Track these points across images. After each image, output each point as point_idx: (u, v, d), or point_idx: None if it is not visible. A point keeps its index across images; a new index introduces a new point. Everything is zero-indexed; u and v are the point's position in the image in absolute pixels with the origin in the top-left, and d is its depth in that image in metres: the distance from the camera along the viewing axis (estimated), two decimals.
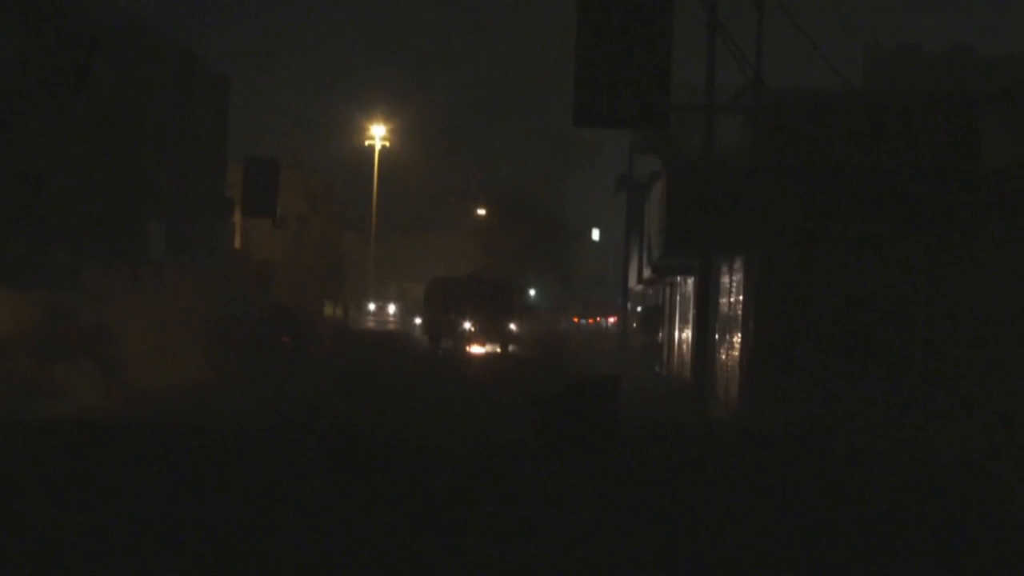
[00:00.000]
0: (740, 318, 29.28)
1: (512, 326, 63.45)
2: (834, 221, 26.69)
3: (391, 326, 77.48)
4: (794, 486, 17.38)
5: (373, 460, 17.84)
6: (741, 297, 29.58)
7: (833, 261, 26.68)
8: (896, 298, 26.32)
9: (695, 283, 31.88)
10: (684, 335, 39.96)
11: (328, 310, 70.50)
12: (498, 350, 55.10)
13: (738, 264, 30.02)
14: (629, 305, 57.64)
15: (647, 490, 16.76)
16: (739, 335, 29.17)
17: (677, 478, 17.82)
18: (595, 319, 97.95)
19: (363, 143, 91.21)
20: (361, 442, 19.39)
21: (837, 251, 26.66)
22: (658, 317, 47.79)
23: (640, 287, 53.93)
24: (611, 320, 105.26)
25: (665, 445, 21.16)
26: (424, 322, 63.33)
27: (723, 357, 31.42)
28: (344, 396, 26.17)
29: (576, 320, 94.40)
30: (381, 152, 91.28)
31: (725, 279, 31.88)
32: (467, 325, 61.69)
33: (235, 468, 17.01)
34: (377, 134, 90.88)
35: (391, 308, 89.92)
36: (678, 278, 41.40)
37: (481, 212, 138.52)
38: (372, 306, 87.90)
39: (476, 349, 55.99)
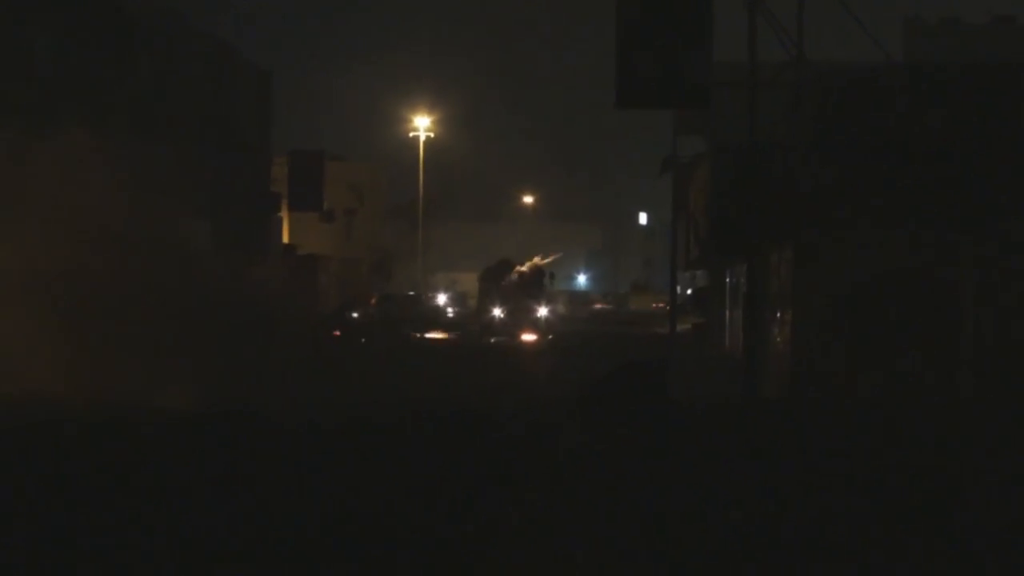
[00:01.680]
0: (790, 296, 29.15)
1: (542, 311, 65.57)
2: (879, 197, 26.55)
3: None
4: (848, 460, 17.33)
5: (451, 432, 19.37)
6: (790, 276, 29.44)
7: (879, 238, 26.55)
8: (943, 274, 26.18)
9: (743, 263, 31.74)
10: (734, 315, 39.86)
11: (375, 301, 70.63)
12: (532, 337, 55.28)
13: (785, 242, 29.87)
14: (678, 287, 57.47)
15: (696, 463, 16.76)
16: (789, 314, 29.06)
17: (725, 451, 17.80)
18: (659, 304, 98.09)
19: (407, 134, 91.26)
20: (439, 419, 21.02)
21: (882, 228, 26.53)
22: (707, 298, 47.67)
23: (688, 270, 53.82)
24: (658, 305, 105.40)
25: (714, 422, 21.15)
26: (476, 312, 66.22)
27: (773, 336, 31.29)
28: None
29: (656, 305, 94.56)
30: (426, 142, 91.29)
31: (773, 257, 31.73)
32: (496, 312, 63.65)
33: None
34: (421, 125, 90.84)
35: (440, 298, 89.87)
36: (726, 258, 41.25)
37: (528, 199, 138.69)
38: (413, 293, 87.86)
39: (512, 337, 56.27)
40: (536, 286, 68.07)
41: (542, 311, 67.09)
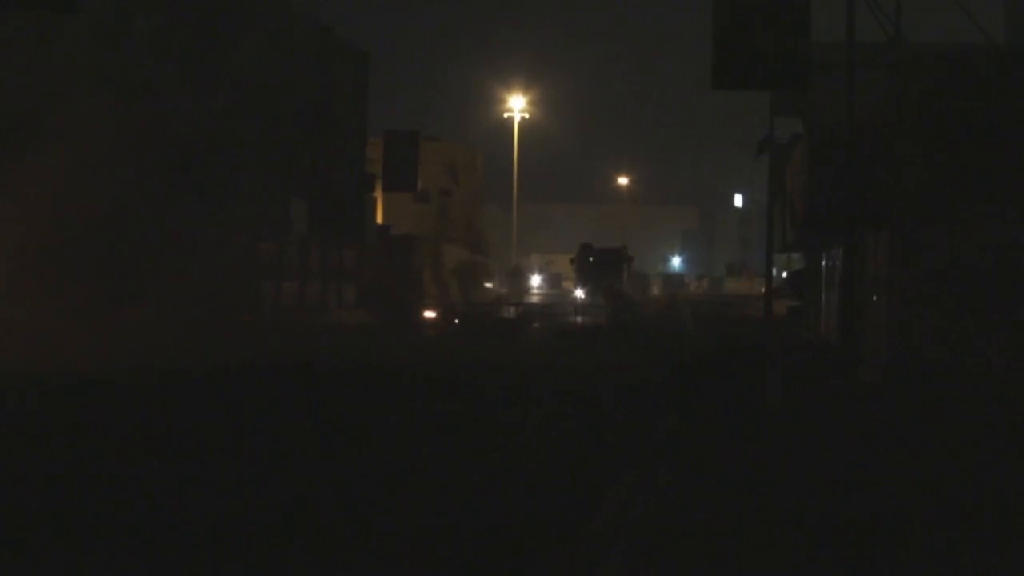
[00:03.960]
0: (889, 280, 28.96)
1: (624, 293, 66.20)
2: (981, 180, 26.29)
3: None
4: (950, 448, 17.24)
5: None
6: (887, 258, 29.25)
7: (981, 221, 26.29)
8: None
9: (840, 245, 31.57)
10: (831, 299, 39.58)
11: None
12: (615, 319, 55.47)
13: (883, 225, 29.68)
14: (774, 270, 57.25)
15: (794, 448, 16.71)
16: (887, 298, 28.87)
17: (827, 438, 17.73)
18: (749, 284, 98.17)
19: (503, 114, 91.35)
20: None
21: (984, 211, 26.26)
22: (803, 281, 47.39)
23: (785, 252, 53.49)
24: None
25: (812, 408, 21.08)
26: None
27: (872, 321, 31.10)
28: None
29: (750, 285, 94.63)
30: (522, 122, 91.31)
31: (871, 240, 31.52)
32: (579, 293, 64.42)
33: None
34: (516, 105, 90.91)
35: (535, 280, 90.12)
36: (823, 240, 40.98)
37: (623, 181, 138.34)
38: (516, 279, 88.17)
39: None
40: (614, 269, 68.73)
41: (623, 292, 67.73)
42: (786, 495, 13.42)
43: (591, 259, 76.92)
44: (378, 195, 65.12)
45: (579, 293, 69.56)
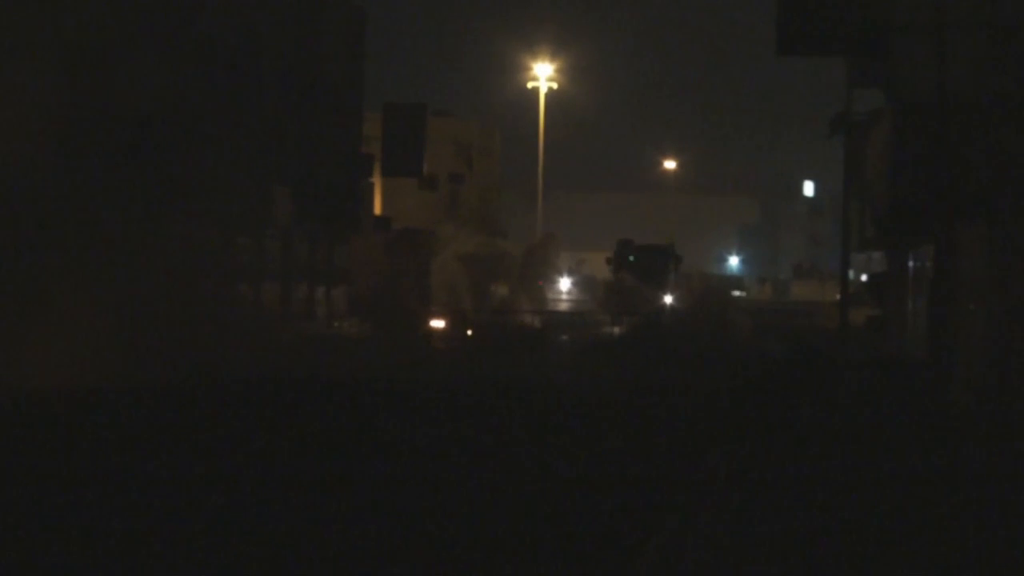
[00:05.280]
0: (989, 285, 28.86)
1: (667, 299, 66.35)
2: None
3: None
4: None
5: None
6: (989, 259, 29.15)
7: None
8: None
9: (930, 243, 31.49)
10: (917, 306, 39.51)
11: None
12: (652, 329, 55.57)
13: (982, 219, 29.58)
14: (851, 272, 57.12)
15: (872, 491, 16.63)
16: (987, 306, 28.77)
17: (911, 472, 17.64)
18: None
19: (526, 85, 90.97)
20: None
21: None
22: (885, 285, 47.29)
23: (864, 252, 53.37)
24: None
25: (894, 436, 20.98)
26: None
27: (966, 334, 31.02)
28: None
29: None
30: (548, 95, 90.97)
31: (967, 236, 31.42)
32: (617, 299, 64.55)
33: None
34: (542, 73, 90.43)
35: (563, 283, 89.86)
36: (910, 237, 40.90)
37: (669, 165, 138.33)
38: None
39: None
40: (659, 271, 68.93)
41: (666, 298, 67.86)
42: None
43: (632, 258, 76.97)
44: (376, 181, 65.13)
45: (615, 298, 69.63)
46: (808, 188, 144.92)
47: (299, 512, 15.27)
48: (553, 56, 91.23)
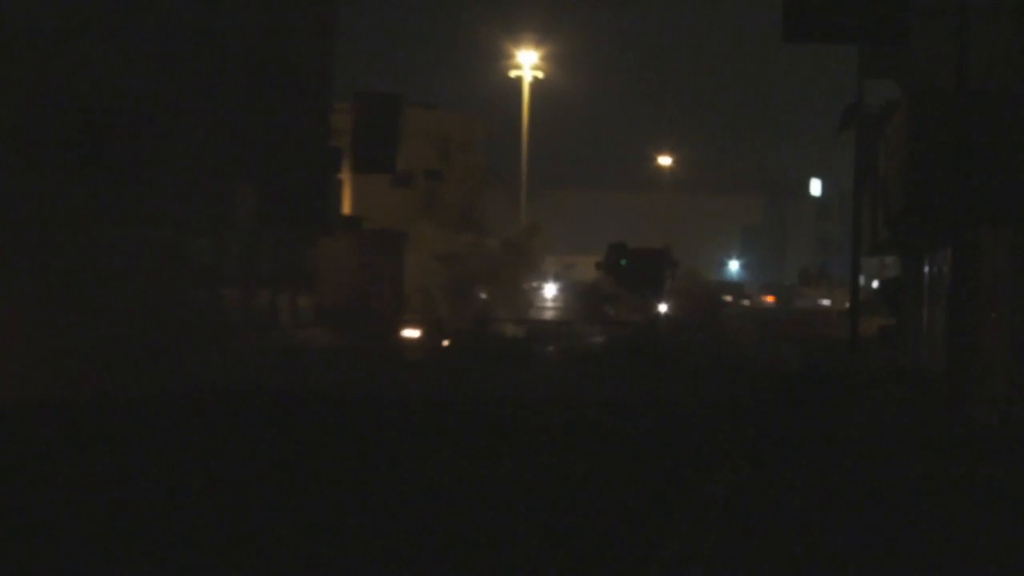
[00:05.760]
0: (1012, 292, 28.78)
1: (662, 307, 66.42)
2: None
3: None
4: None
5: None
6: (1012, 263, 29.07)
7: None
8: None
9: (948, 247, 31.39)
10: (935, 316, 39.46)
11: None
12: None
13: (1005, 219, 29.50)
14: (862, 278, 57.13)
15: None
16: (1011, 315, 28.68)
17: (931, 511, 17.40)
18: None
19: (509, 73, 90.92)
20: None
21: None
22: (899, 293, 47.30)
23: (876, 256, 53.40)
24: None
25: (910, 459, 20.83)
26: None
27: (988, 344, 30.93)
28: None
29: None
30: (535, 86, 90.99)
31: (989, 239, 31.33)
32: (608, 309, 64.60)
33: None
34: (526, 61, 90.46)
35: (548, 290, 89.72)
36: (926, 240, 40.84)
37: (665, 162, 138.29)
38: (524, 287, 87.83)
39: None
40: (654, 278, 69.07)
41: (661, 307, 67.93)
42: None
43: (624, 263, 77.01)
44: (346, 177, 64.97)
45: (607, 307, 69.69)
46: (815, 187, 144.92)
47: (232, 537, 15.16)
48: (539, 43, 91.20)
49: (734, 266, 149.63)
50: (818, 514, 16.73)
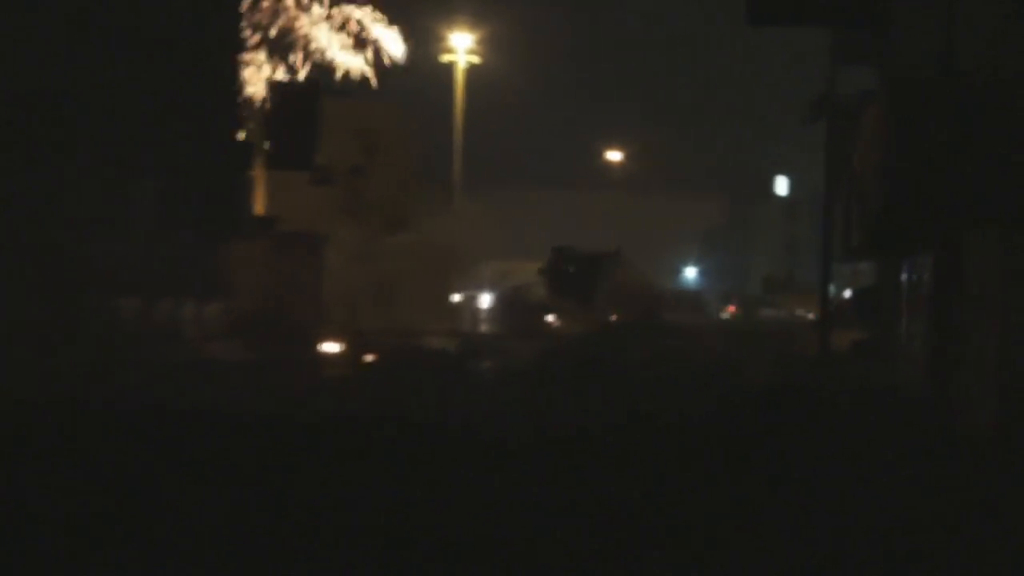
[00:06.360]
0: (1001, 301, 28.78)
1: (613, 316, 66.85)
2: None
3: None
4: None
5: None
6: (1001, 270, 29.12)
7: None
8: None
9: (930, 251, 31.47)
10: (915, 328, 39.59)
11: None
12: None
13: (996, 222, 29.54)
14: (832, 287, 57.27)
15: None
16: (999, 325, 28.68)
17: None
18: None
19: (440, 58, 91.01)
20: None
21: None
22: (875, 302, 47.44)
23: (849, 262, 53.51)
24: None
25: (894, 488, 20.67)
26: None
27: (974, 358, 31.00)
28: None
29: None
30: (468, 72, 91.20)
31: (976, 243, 31.37)
32: (549, 319, 64.95)
33: None
34: (460, 44, 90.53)
35: (483, 300, 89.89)
36: (905, 244, 40.95)
37: (615, 158, 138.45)
38: (456, 296, 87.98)
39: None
40: (604, 285, 69.60)
41: (612, 316, 68.20)
42: None
43: (571, 269, 77.33)
44: (259, 174, 64.90)
45: (549, 318, 69.94)
46: (781, 185, 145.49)
47: None
48: (475, 25, 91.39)
49: (691, 273, 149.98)
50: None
